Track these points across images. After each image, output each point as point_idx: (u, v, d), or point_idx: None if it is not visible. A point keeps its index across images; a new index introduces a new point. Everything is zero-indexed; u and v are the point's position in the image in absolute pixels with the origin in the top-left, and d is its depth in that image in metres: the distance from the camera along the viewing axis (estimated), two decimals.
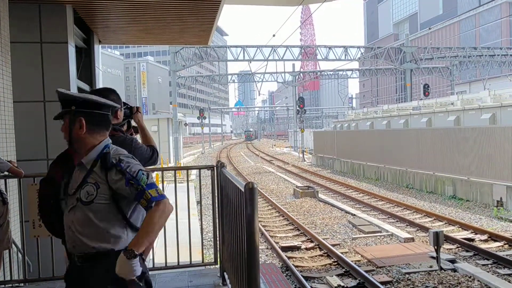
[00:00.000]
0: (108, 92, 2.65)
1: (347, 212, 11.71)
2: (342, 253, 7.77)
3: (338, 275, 6.74)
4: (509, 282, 6.23)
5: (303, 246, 8.47)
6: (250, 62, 33.89)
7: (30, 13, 4.49)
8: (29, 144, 4.44)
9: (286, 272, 6.97)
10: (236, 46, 33.41)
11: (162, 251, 4.14)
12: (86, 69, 5.78)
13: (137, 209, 2.02)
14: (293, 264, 7.21)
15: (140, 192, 1.87)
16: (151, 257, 4.09)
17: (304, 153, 32.29)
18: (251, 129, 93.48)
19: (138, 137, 3.02)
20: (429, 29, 33.29)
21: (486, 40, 67.96)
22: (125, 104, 2.97)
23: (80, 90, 5.11)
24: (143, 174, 1.91)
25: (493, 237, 8.59)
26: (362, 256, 7.76)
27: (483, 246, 8.07)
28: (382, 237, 9.11)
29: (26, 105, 4.45)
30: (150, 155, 2.67)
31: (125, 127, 3.07)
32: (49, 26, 4.55)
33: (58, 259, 3.73)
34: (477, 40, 68.72)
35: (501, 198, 11.32)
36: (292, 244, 8.54)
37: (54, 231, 2.43)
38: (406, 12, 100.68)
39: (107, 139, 2.05)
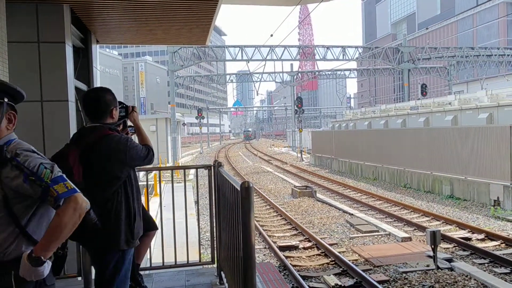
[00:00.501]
0: (103, 92, 2.66)
1: (345, 211, 11.73)
2: (339, 252, 7.79)
3: (335, 274, 6.76)
4: (506, 281, 6.26)
5: (300, 246, 8.49)
6: (248, 62, 33.93)
7: (27, 13, 4.48)
8: None
9: (284, 272, 6.98)
10: (234, 46, 33.44)
11: (159, 250, 4.15)
12: (84, 69, 5.76)
13: (38, 216, 1.71)
14: (290, 264, 7.23)
15: (45, 190, 1.60)
16: (148, 257, 4.10)
17: (302, 153, 32.32)
18: (250, 129, 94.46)
19: (135, 138, 3.03)
20: (427, 29, 33.39)
21: (483, 40, 68.12)
22: (120, 103, 2.99)
23: (78, 90, 5.11)
24: (45, 168, 1.64)
25: (490, 236, 8.63)
26: (359, 255, 7.78)
27: (480, 245, 8.10)
28: (380, 236, 9.14)
29: (23, 105, 4.43)
30: (145, 154, 2.64)
31: (121, 127, 3.08)
32: (46, 25, 4.55)
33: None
34: (474, 40, 68.89)
35: (498, 198, 11.36)
36: (289, 244, 8.55)
37: None
38: (404, 12, 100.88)
39: (11, 134, 1.78)
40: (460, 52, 38.99)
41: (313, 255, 7.96)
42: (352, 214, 11.27)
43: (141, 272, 3.53)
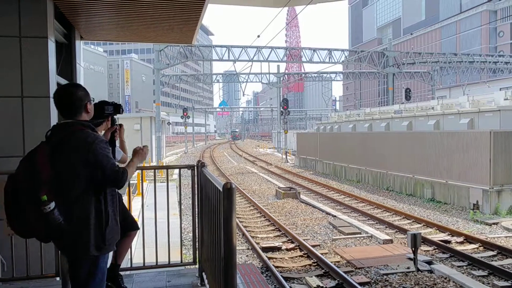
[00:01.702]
0: (75, 87, 2.59)
1: (328, 213, 11.80)
2: (322, 254, 7.82)
3: (317, 276, 6.80)
4: (483, 283, 6.39)
5: (283, 247, 8.51)
6: (235, 62, 33.92)
7: (9, 7, 4.39)
8: (5, 140, 4.34)
9: (266, 273, 6.99)
10: (221, 46, 33.37)
11: (140, 250, 4.10)
12: (67, 65, 5.67)
13: None
14: (273, 265, 7.24)
15: None
16: (129, 257, 4.05)
17: (287, 154, 32.42)
18: (237, 130, 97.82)
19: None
20: (411, 34, 33.92)
21: (466, 46, 69.53)
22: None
23: (60, 86, 5.03)
24: None
25: (469, 239, 8.79)
26: (341, 257, 7.84)
27: (459, 248, 8.25)
28: (362, 238, 9.22)
29: (3, 100, 4.35)
30: (113, 167, 2.40)
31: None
32: (29, 20, 4.46)
33: (33, 258, 3.66)
34: (457, 46, 70.26)
35: (477, 201, 11.59)
36: (272, 245, 8.56)
37: (20, 229, 2.38)
38: (389, 17, 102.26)
39: None
40: (444, 58, 39.74)
41: (296, 257, 7.98)
42: (335, 216, 11.35)
43: (121, 273, 3.48)
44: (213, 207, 2.77)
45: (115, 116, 3.11)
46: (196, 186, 3.85)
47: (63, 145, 2.37)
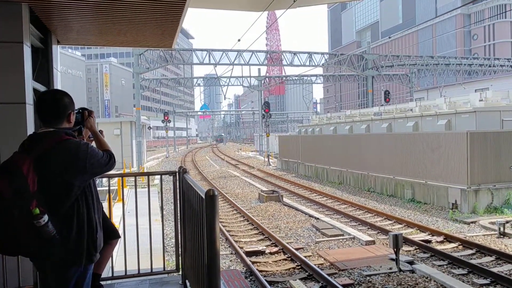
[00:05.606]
0: (61, 94, 2.49)
1: (311, 216, 11.85)
2: (305, 257, 7.85)
3: (301, 279, 6.81)
4: (463, 281, 6.51)
5: (267, 251, 8.50)
6: (216, 66, 33.85)
7: None
8: None
9: (250, 277, 6.96)
10: (202, 50, 33.28)
11: (122, 258, 4.02)
12: (43, 70, 5.54)
13: None
14: (257, 269, 7.22)
15: None
16: (110, 265, 3.97)
17: (270, 157, 32.48)
18: (222, 134, 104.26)
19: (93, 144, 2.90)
20: (389, 38, 34.54)
21: (442, 49, 71.23)
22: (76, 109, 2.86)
23: (36, 91, 4.91)
24: None
25: (449, 238, 8.96)
26: (325, 259, 7.88)
27: (439, 247, 8.40)
28: (345, 240, 9.29)
29: None
30: (106, 161, 2.48)
31: (75, 134, 2.95)
32: (3, 25, 4.34)
33: (10, 270, 3.54)
34: (434, 49, 71.86)
35: (456, 201, 11.83)
36: (256, 249, 8.53)
37: (7, 247, 2.28)
38: (368, 21, 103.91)
39: None
40: (421, 61, 40.61)
41: (280, 260, 7.98)
42: (318, 218, 11.40)
43: (102, 282, 3.40)
44: (196, 214, 2.74)
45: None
46: (178, 192, 3.81)
47: (50, 156, 2.27)
